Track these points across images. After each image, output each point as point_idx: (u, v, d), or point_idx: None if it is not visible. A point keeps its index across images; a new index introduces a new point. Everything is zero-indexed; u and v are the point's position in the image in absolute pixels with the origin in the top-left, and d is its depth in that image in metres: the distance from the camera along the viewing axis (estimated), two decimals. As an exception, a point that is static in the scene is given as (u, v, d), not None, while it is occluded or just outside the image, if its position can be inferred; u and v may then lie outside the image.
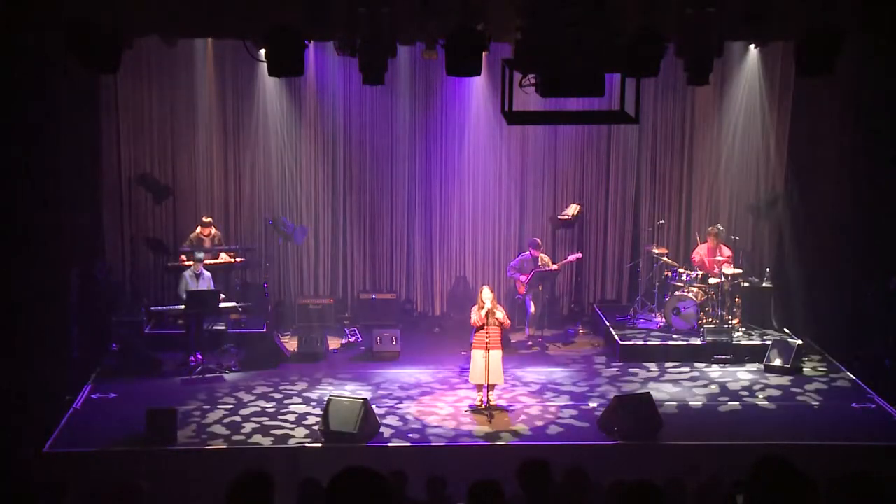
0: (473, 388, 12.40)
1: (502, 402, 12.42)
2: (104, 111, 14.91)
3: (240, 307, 14.32)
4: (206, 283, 14.23)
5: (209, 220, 15.35)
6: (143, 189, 15.37)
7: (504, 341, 12.65)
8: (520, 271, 14.92)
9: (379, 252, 16.42)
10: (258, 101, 15.64)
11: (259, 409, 12.20)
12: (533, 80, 8.10)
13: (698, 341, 14.26)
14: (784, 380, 13.40)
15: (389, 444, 11.23)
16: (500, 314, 11.98)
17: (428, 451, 11.11)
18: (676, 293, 14.85)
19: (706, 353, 14.06)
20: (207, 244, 15.16)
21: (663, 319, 14.96)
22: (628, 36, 8.72)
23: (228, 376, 13.40)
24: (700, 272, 14.89)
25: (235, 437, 11.38)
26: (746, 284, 15.19)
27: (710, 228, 15.22)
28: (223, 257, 15.20)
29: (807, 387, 13.17)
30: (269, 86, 15.50)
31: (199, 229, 15.27)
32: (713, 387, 13.14)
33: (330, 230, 16.29)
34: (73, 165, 12.88)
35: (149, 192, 15.33)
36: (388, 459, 10.29)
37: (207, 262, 14.77)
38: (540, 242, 15.10)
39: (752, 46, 14.78)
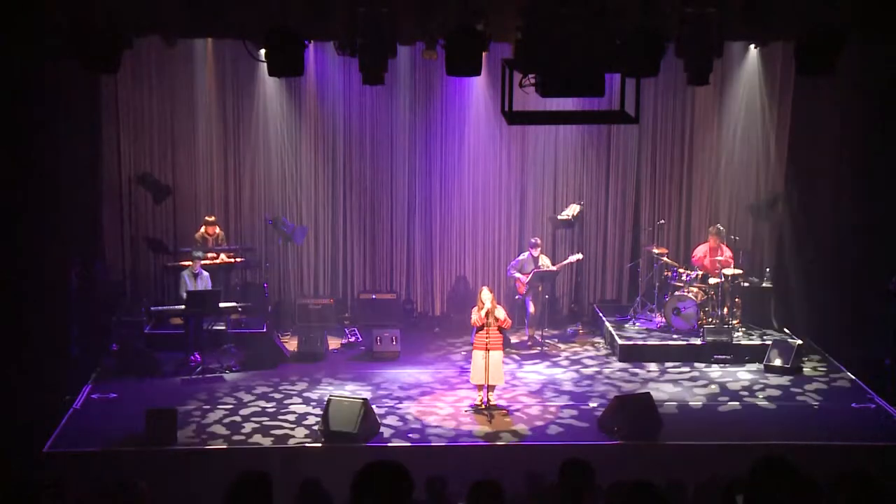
0: (473, 388, 12.41)
1: (502, 402, 12.43)
2: (104, 111, 14.92)
3: (240, 307, 14.31)
4: (205, 282, 14.19)
5: (212, 218, 15.32)
6: (143, 189, 15.37)
7: (504, 341, 12.65)
8: (519, 271, 14.91)
9: (379, 252, 16.40)
10: (258, 101, 15.64)
11: (259, 409, 12.20)
12: (533, 80, 8.09)
13: (698, 341, 14.26)
14: (784, 380, 13.40)
15: (389, 444, 11.22)
16: (501, 314, 11.98)
17: (428, 451, 11.11)
18: (676, 293, 14.84)
19: (706, 353, 14.05)
20: (211, 244, 15.15)
21: (663, 319, 14.96)
22: (628, 36, 8.72)
23: (228, 376, 13.40)
24: (700, 272, 14.90)
25: (235, 437, 11.38)
26: (746, 284, 15.19)
27: (711, 228, 15.22)
28: (223, 257, 15.18)
29: (807, 387, 13.18)
30: (269, 86, 15.49)
31: (203, 228, 15.26)
32: (713, 387, 13.14)
33: (330, 230, 16.28)
34: (73, 165, 12.88)
35: (149, 192, 15.32)
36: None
37: (209, 261, 14.75)
38: (539, 242, 15.09)
39: (752, 46, 14.79)
